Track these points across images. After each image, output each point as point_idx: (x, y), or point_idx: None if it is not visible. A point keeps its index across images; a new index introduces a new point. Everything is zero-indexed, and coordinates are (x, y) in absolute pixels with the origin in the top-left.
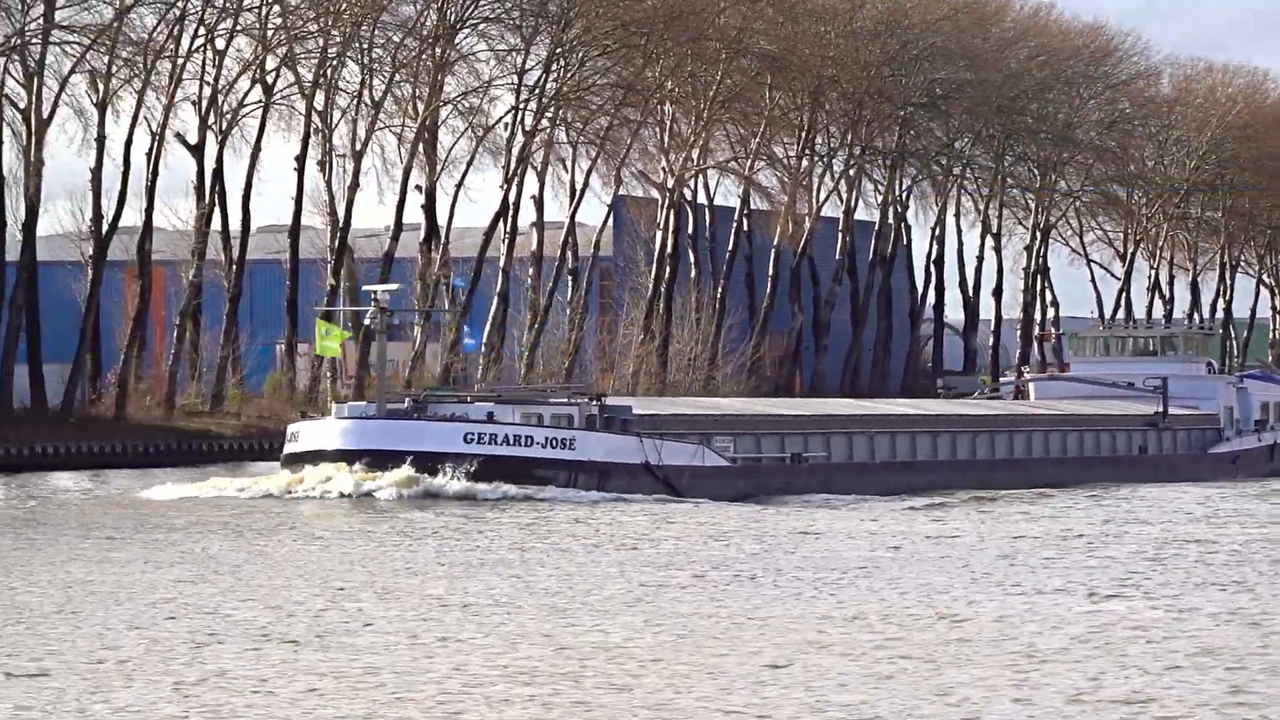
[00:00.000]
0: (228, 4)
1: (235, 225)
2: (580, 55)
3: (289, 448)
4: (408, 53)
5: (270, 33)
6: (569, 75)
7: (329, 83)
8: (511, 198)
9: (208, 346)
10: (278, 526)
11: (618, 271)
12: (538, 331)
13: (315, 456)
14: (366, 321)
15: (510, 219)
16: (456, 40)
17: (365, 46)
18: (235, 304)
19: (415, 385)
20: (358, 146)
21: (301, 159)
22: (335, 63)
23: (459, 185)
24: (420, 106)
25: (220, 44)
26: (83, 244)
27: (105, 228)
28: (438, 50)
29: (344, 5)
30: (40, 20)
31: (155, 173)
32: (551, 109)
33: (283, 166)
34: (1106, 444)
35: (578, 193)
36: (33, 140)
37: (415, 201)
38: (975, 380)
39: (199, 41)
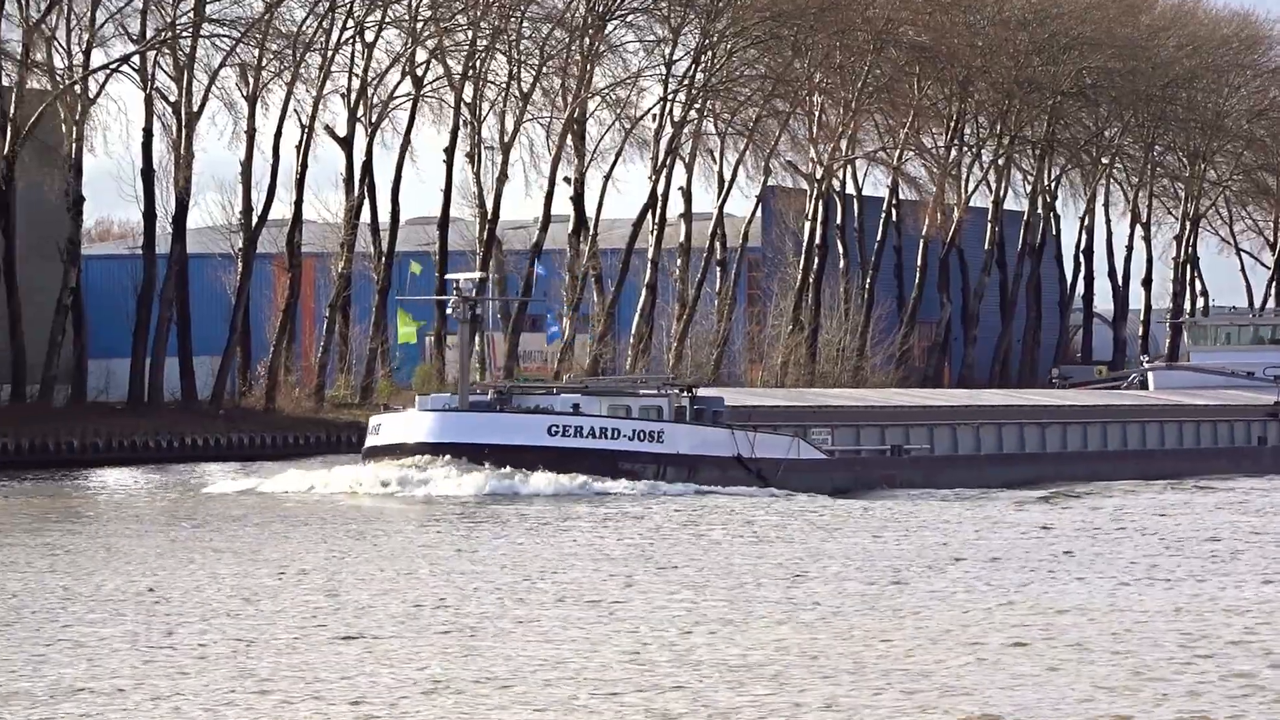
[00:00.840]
0: None
1: (384, 217)
2: (729, 46)
3: (370, 440)
4: (556, 44)
5: (420, 25)
6: (718, 66)
7: (478, 75)
8: (660, 189)
9: (357, 338)
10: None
11: (766, 262)
12: (686, 323)
13: (397, 450)
14: (449, 311)
15: (659, 210)
16: (605, 31)
17: (514, 38)
18: (384, 296)
19: (562, 376)
20: (506, 138)
21: (450, 151)
22: (484, 55)
23: (607, 177)
24: (569, 98)
25: (369, 36)
26: (232, 236)
27: (255, 220)
28: (586, 41)
29: None
30: (190, 14)
31: (305, 165)
32: (700, 100)
33: (432, 159)
34: (1224, 435)
35: (726, 184)
36: (182, 134)
37: (563, 193)
38: (1091, 370)
39: (348, 34)
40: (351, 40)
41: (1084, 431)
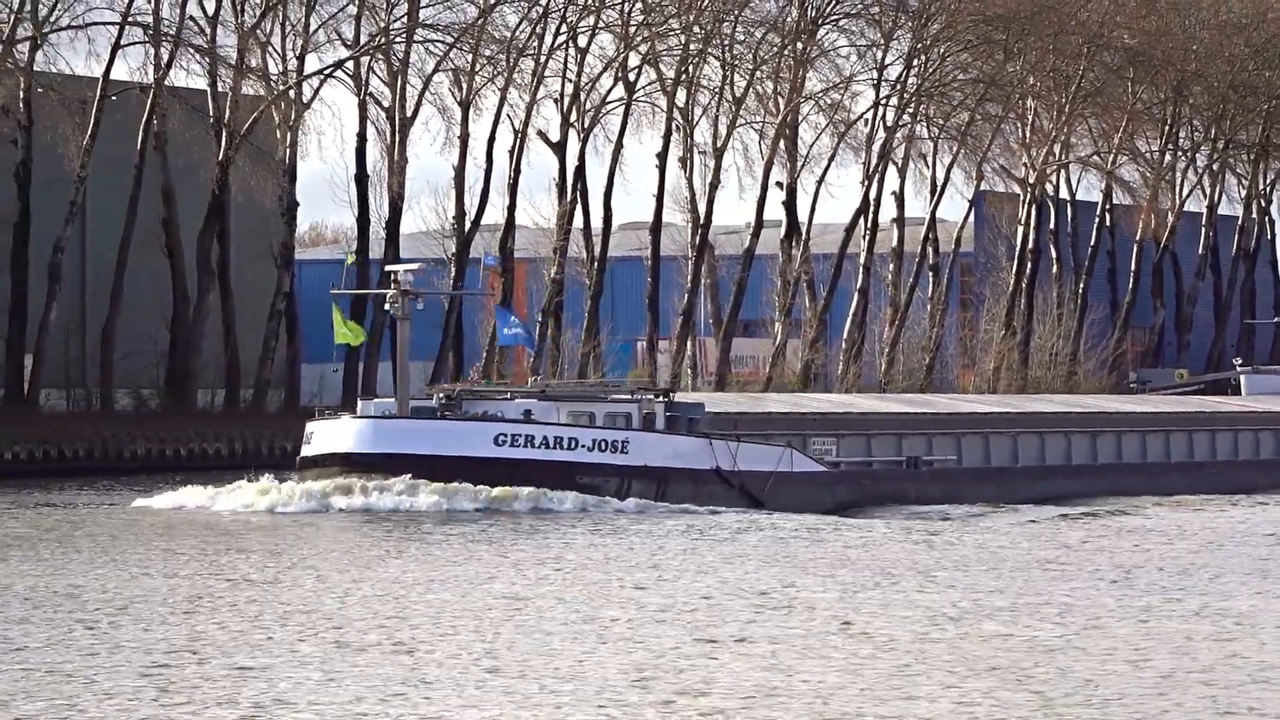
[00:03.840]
0: (590, 1)
1: (596, 222)
2: (941, 50)
3: (304, 449)
4: (769, 49)
5: (632, 30)
6: (930, 70)
7: (690, 79)
8: (872, 194)
9: (569, 343)
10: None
11: (978, 267)
12: (898, 328)
13: (326, 461)
14: (386, 306)
15: (871, 215)
16: (817, 36)
17: (727, 43)
18: (596, 301)
19: (775, 383)
20: (719, 143)
21: (663, 156)
22: (697, 59)
23: (820, 181)
24: (781, 103)
25: (582, 41)
26: (445, 241)
27: (468, 225)
28: (799, 46)
29: (706, 2)
30: (404, 19)
31: (518, 170)
32: (912, 104)
33: (644, 163)
34: None
35: (939, 188)
36: (396, 139)
37: (776, 198)
38: (1172, 374)
39: (561, 39)
40: (564, 45)
41: (1141, 441)
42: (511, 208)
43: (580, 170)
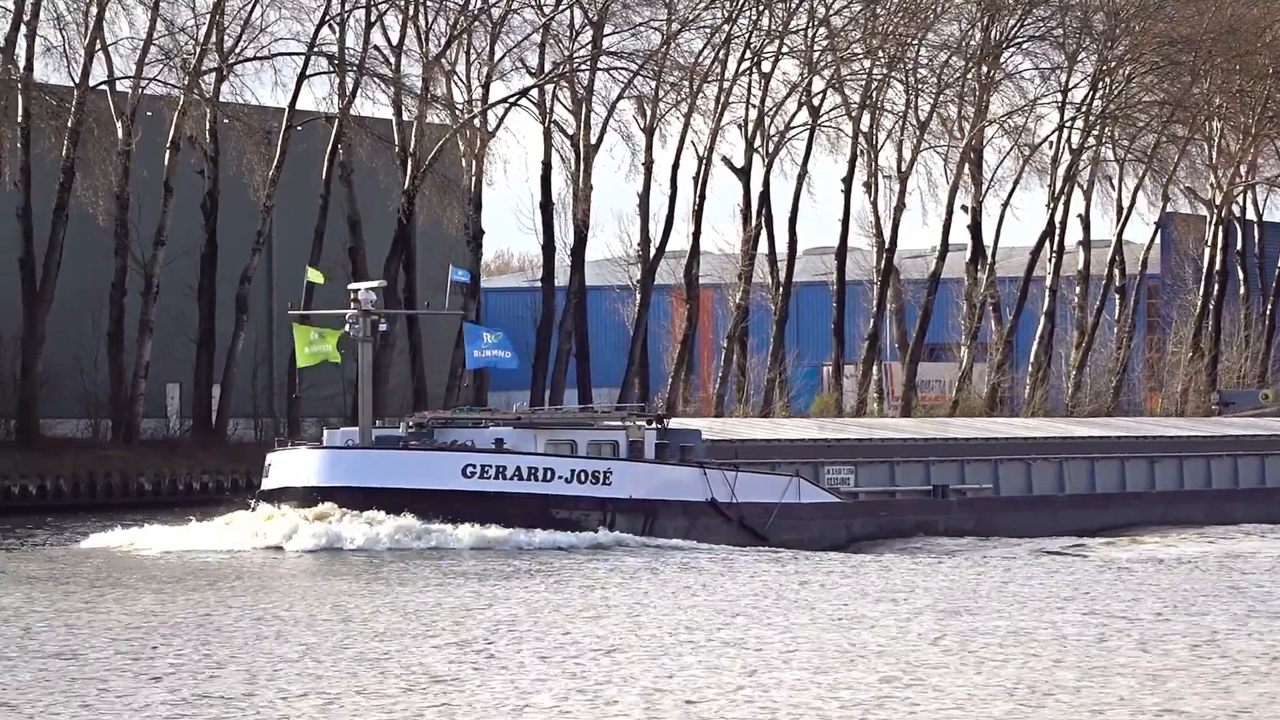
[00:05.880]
0: (774, 27)
1: (781, 248)
2: (1126, 72)
3: (264, 482)
4: (953, 73)
5: (816, 55)
6: (1115, 92)
7: (875, 104)
8: (1058, 216)
9: (754, 368)
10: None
11: (1165, 289)
12: (1085, 351)
13: (282, 495)
14: (345, 328)
15: (1057, 238)
16: (1001, 59)
17: (911, 67)
18: (782, 326)
19: (960, 408)
20: (903, 167)
21: (848, 180)
22: (881, 84)
23: (1004, 204)
24: (966, 126)
25: (766, 67)
26: (630, 268)
27: (653, 252)
28: (983, 69)
29: (890, 27)
30: (588, 47)
31: (702, 196)
32: (1097, 127)
33: (829, 188)
34: None
35: (1124, 211)
36: (581, 166)
37: (961, 221)
38: (1256, 395)
39: (745, 65)
40: (748, 71)
41: (1206, 467)
42: (696, 234)
43: (765, 195)
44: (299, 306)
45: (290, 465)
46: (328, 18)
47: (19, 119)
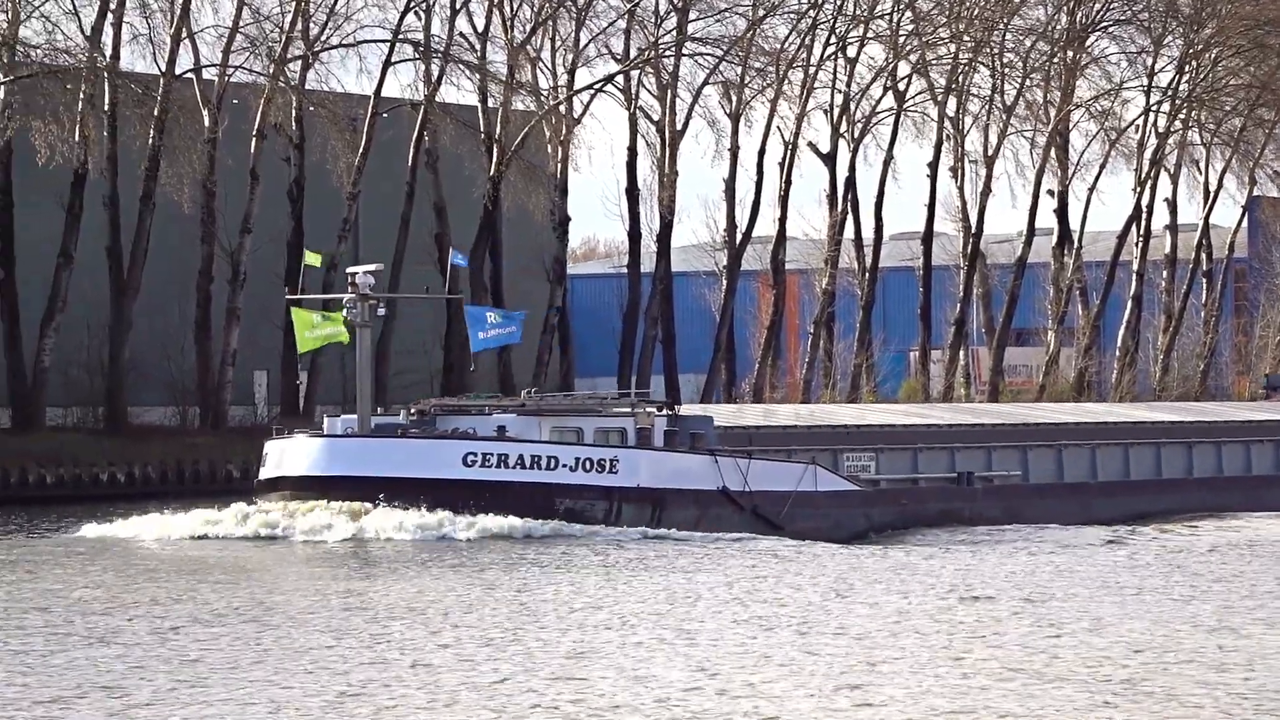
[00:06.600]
0: (859, 12)
1: (868, 233)
2: (1213, 56)
3: (262, 471)
4: (1039, 57)
5: (902, 39)
6: (1201, 76)
7: (961, 88)
8: (1144, 200)
9: (841, 354)
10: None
11: (1252, 273)
12: (1172, 335)
13: (280, 484)
14: (345, 314)
15: (1143, 222)
16: (1087, 43)
17: (997, 51)
18: (868, 311)
19: (1047, 393)
20: (990, 152)
21: (934, 165)
22: (967, 68)
23: (1091, 188)
24: (1052, 110)
25: (851, 52)
26: (716, 254)
27: (739, 237)
28: (1069, 53)
29: (975, 11)
30: (674, 33)
31: (788, 182)
32: (1184, 110)
33: (915, 173)
34: None
35: (1211, 194)
36: (666, 152)
37: (1047, 206)
38: None
39: (830, 50)
40: (834, 56)
41: (1245, 452)
42: (783, 219)
43: (851, 181)
44: (298, 290)
45: (290, 455)
46: (413, 5)
47: (105, 107)
